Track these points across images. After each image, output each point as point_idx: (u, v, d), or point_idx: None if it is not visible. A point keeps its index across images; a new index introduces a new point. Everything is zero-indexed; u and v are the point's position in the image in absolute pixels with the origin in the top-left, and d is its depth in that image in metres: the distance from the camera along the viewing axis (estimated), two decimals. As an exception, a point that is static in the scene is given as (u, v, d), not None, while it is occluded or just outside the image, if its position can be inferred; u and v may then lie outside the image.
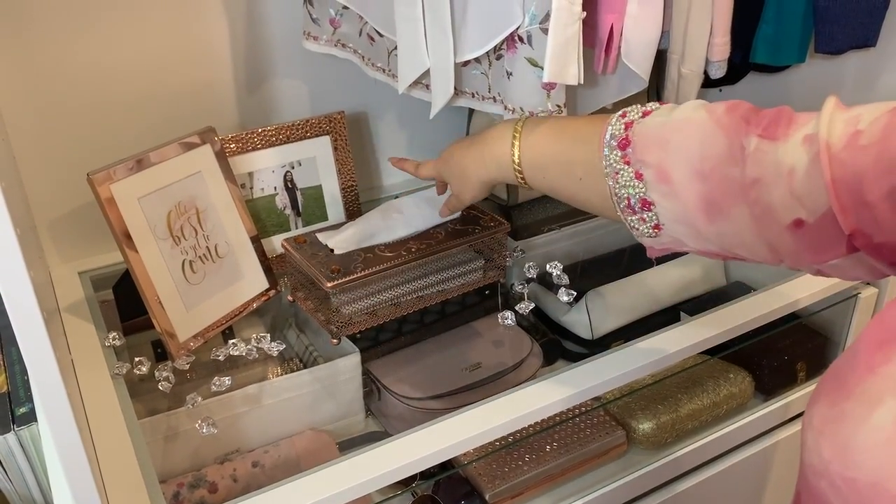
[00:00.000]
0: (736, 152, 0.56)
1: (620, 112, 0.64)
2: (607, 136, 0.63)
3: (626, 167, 0.61)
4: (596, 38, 0.85)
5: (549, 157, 0.69)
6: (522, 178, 0.73)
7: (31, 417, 0.85)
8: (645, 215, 0.62)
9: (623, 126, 0.62)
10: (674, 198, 0.59)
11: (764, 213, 0.55)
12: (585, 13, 0.76)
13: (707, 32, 0.89)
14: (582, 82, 0.79)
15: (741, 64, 1.01)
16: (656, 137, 0.60)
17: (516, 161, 0.71)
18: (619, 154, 0.62)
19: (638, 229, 0.64)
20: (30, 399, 0.87)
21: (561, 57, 0.76)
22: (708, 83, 0.97)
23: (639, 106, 0.64)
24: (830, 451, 0.46)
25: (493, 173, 0.76)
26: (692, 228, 0.60)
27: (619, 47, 0.84)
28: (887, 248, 0.50)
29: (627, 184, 0.62)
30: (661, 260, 1.13)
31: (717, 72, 0.92)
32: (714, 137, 0.57)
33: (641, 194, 0.61)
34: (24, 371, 0.91)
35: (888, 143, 0.49)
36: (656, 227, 0.62)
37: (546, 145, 0.69)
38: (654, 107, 0.63)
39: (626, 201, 0.62)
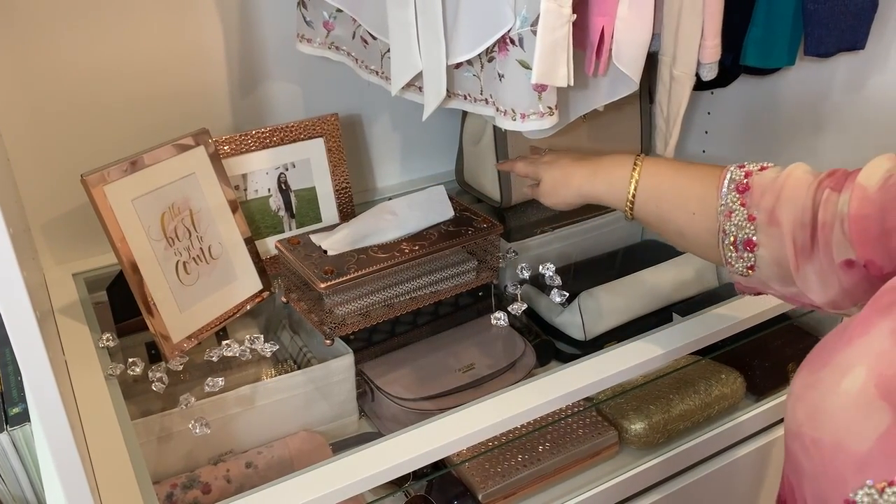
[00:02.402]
0: (816, 204, 0.66)
1: (738, 163, 0.73)
2: (727, 180, 0.72)
3: (742, 209, 0.70)
4: (587, 41, 0.85)
5: (667, 189, 0.76)
6: (631, 204, 0.78)
7: (24, 418, 0.85)
8: (745, 255, 0.70)
9: (743, 174, 0.71)
10: (779, 240, 0.67)
11: (826, 253, 0.64)
12: (576, 15, 0.77)
13: (698, 35, 0.89)
14: (572, 84, 0.80)
15: (732, 66, 1.02)
16: (772, 187, 0.69)
17: (632, 187, 0.78)
18: (737, 196, 0.70)
19: (734, 266, 0.72)
20: (23, 399, 0.87)
21: (549, 59, 0.77)
22: (699, 85, 0.97)
23: (757, 162, 0.73)
24: (803, 415, 0.51)
25: (599, 190, 0.82)
26: (784, 270, 0.68)
27: (610, 50, 0.85)
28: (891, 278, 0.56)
29: (739, 223, 0.70)
30: (654, 261, 1.13)
31: (708, 74, 0.93)
32: (812, 193, 0.67)
33: (750, 235, 0.70)
34: (17, 372, 0.91)
35: None
36: (751, 267, 0.71)
37: (666, 178, 0.77)
38: (769, 164, 0.72)
39: (733, 238, 0.71)
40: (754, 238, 0.69)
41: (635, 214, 0.79)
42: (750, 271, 0.71)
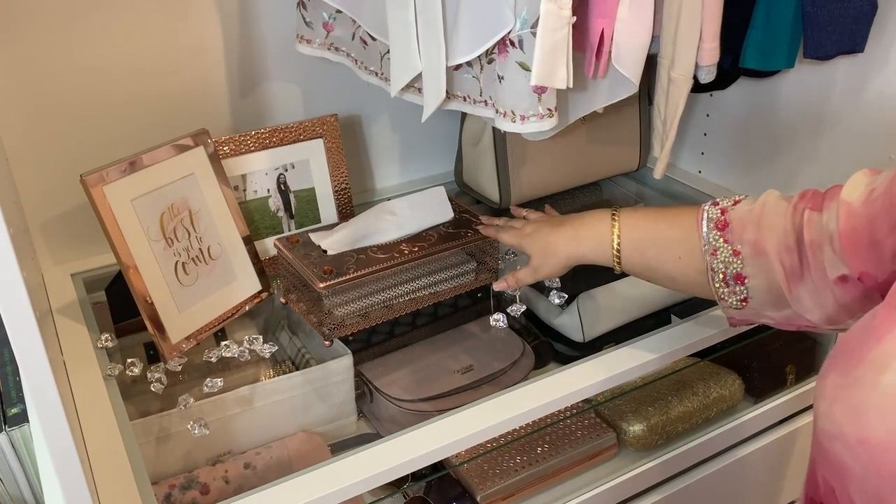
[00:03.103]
0: (799, 226, 0.68)
1: (712, 201, 0.75)
2: (704, 220, 0.74)
3: (726, 245, 0.72)
4: (586, 43, 0.85)
5: (649, 239, 0.78)
6: (618, 257, 0.80)
7: (22, 418, 0.85)
8: (736, 289, 0.72)
9: (719, 211, 0.73)
10: (768, 268, 0.70)
11: (818, 272, 0.66)
12: (575, 18, 0.77)
13: (696, 37, 0.89)
14: (571, 86, 0.80)
15: (731, 69, 1.02)
16: (751, 219, 0.71)
17: (615, 241, 0.79)
18: (718, 234, 0.73)
19: (727, 301, 0.74)
20: (21, 400, 0.87)
21: (549, 61, 0.77)
22: (698, 88, 0.97)
23: (729, 196, 0.75)
24: (843, 415, 0.51)
25: (586, 251, 0.82)
26: (777, 295, 0.70)
27: (610, 52, 0.85)
28: (887, 285, 0.56)
29: (726, 259, 0.72)
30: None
31: (707, 76, 0.93)
32: (790, 217, 0.69)
33: (738, 269, 0.72)
34: (15, 372, 0.90)
35: (892, 188, 0.61)
36: (744, 300, 0.73)
37: (645, 228, 0.79)
38: (741, 197, 0.74)
39: (722, 275, 0.73)
40: (743, 271, 0.71)
41: (623, 267, 0.81)
42: (744, 303, 0.73)
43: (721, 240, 0.72)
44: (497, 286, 0.92)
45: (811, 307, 0.69)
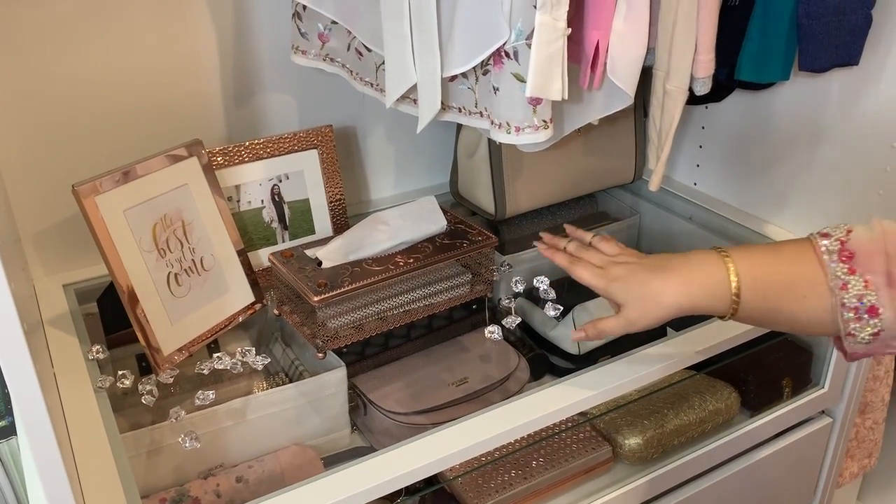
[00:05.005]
0: None
1: (821, 232, 0.69)
2: (825, 253, 0.68)
3: (855, 276, 0.67)
4: (582, 54, 0.85)
5: (769, 282, 0.71)
6: (736, 305, 0.72)
7: (10, 431, 0.84)
8: (870, 322, 0.67)
9: (838, 242, 0.68)
10: None
11: None
12: (570, 29, 0.77)
13: (692, 49, 0.90)
14: (566, 98, 0.80)
15: (726, 81, 1.02)
16: (876, 248, 0.66)
17: (733, 287, 0.71)
18: (845, 266, 0.67)
19: (857, 336, 0.68)
20: (9, 412, 0.86)
21: (544, 72, 0.77)
22: (694, 99, 0.97)
23: (840, 225, 0.69)
24: None
25: (697, 300, 0.73)
26: None
27: (605, 64, 0.85)
28: None
29: (858, 293, 0.67)
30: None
31: (702, 88, 0.93)
32: None
33: (871, 301, 0.66)
34: (3, 384, 0.89)
35: None
36: (876, 333, 0.67)
37: (764, 269, 0.72)
38: (849, 226, 0.69)
39: (854, 310, 0.67)
40: (877, 303, 0.66)
41: (738, 315, 0.73)
42: (875, 337, 0.68)
43: (848, 272, 0.67)
44: (575, 336, 0.80)
45: None
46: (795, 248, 0.71)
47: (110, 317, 0.93)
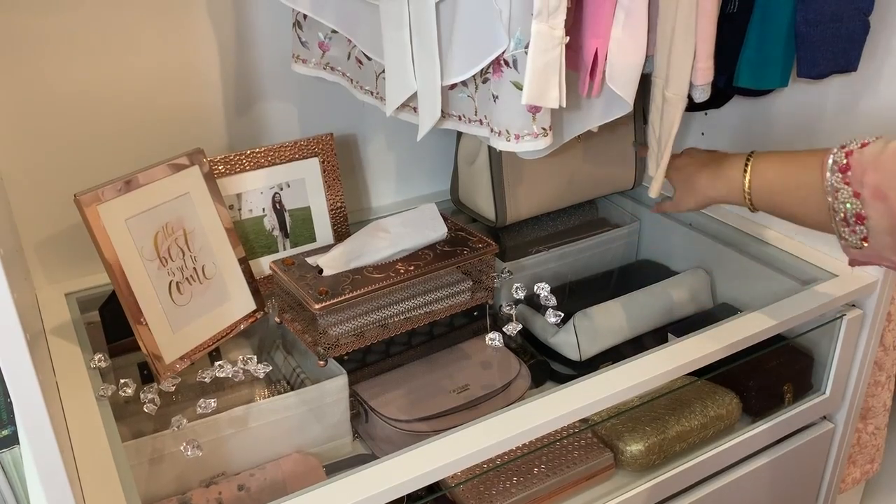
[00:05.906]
0: None
1: (841, 144, 0.76)
2: (830, 163, 0.76)
3: (846, 187, 0.74)
4: (581, 62, 0.86)
5: (778, 182, 0.84)
6: (750, 201, 0.87)
7: (13, 440, 0.84)
8: (857, 228, 0.75)
9: (844, 154, 0.75)
10: (887, 212, 0.71)
11: None
12: (568, 38, 0.77)
13: (691, 57, 0.90)
14: (564, 105, 0.80)
15: (725, 88, 1.02)
16: (873, 163, 0.72)
17: (746, 186, 0.86)
18: (840, 176, 0.75)
19: (848, 240, 0.77)
20: (12, 421, 0.86)
21: (540, 80, 0.77)
22: (693, 106, 0.98)
23: (858, 137, 0.76)
24: None
25: (723, 193, 0.90)
26: None
27: (604, 71, 0.85)
28: None
29: (846, 200, 0.74)
30: (649, 281, 1.13)
31: (701, 95, 0.93)
32: None
33: (857, 209, 0.74)
34: (6, 393, 0.90)
35: None
36: (864, 238, 0.75)
37: (776, 171, 0.84)
38: (870, 139, 0.75)
39: (843, 215, 0.75)
40: (862, 212, 0.73)
41: (756, 207, 0.87)
42: (864, 242, 0.75)
43: (842, 181, 0.75)
44: (655, 209, 1.04)
45: None
46: (810, 155, 0.80)
47: (112, 325, 0.93)
